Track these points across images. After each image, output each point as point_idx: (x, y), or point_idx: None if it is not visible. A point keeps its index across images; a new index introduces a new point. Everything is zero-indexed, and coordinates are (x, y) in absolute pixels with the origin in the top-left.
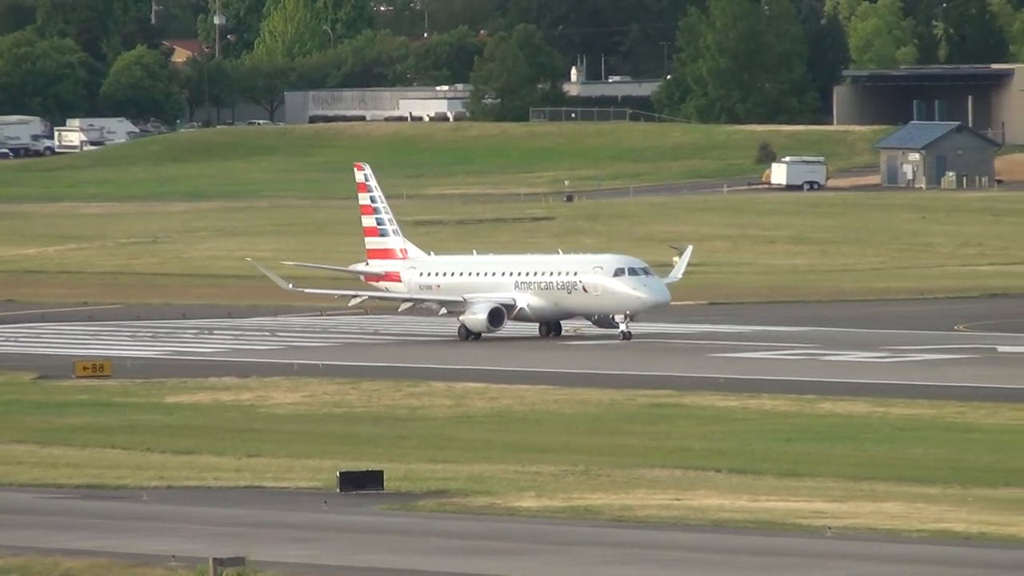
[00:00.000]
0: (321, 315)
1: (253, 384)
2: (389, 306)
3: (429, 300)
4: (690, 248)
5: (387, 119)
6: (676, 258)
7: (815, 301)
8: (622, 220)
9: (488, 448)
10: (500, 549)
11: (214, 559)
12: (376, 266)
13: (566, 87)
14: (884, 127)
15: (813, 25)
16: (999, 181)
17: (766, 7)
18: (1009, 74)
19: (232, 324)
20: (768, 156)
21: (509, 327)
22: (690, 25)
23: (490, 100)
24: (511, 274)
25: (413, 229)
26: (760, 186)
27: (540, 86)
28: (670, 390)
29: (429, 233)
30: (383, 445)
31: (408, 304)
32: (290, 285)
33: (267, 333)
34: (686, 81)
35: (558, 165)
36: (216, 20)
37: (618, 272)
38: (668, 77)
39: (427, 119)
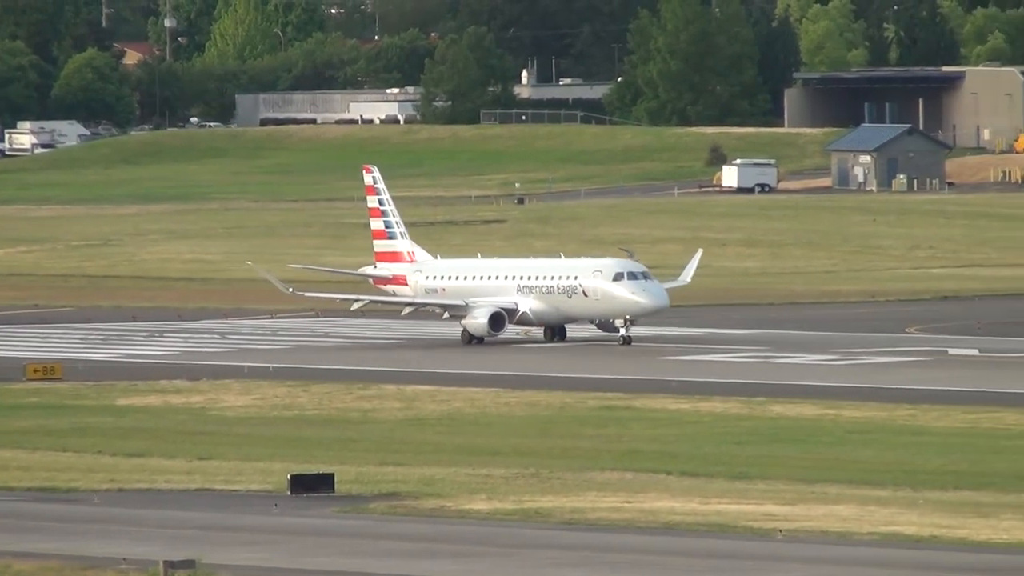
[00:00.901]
0: (271, 318)
1: (204, 387)
2: (341, 309)
3: (431, 304)
4: (699, 252)
5: (338, 122)
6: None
7: (766, 304)
8: (573, 222)
9: (439, 451)
10: (451, 552)
11: (165, 562)
12: (384, 269)
13: (517, 90)
14: (835, 129)
15: (764, 27)
16: (950, 183)
17: (717, 10)
18: (960, 76)
19: (183, 327)
20: (719, 158)
21: (513, 331)
22: (641, 28)
23: (441, 103)
24: (514, 278)
25: (364, 232)
26: (711, 188)
27: (491, 89)
28: (621, 393)
29: None
30: (334, 448)
31: (411, 308)
32: (290, 289)
33: (217, 336)
34: (637, 83)
35: (509, 167)
36: (167, 23)
37: (617, 276)
38: (619, 79)
39: (378, 122)
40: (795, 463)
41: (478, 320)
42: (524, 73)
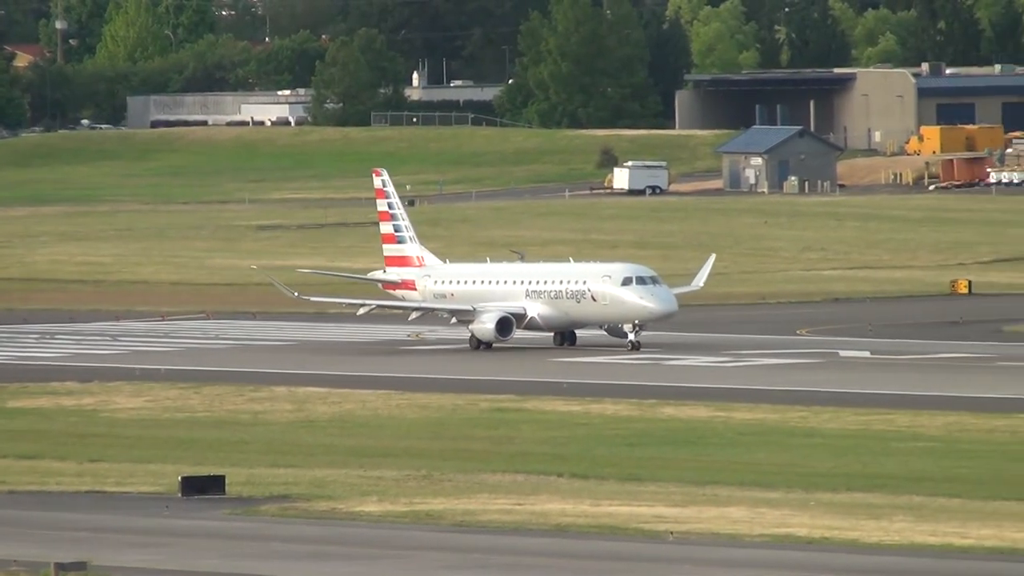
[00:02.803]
0: (163, 319)
1: (95, 389)
2: (234, 311)
3: (438, 309)
4: (712, 257)
5: (229, 124)
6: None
7: None
8: (464, 225)
9: (330, 453)
10: (342, 554)
11: (56, 564)
12: (393, 273)
13: (408, 92)
14: (726, 132)
15: (655, 29)
16: (841, 185)
17: (608, 11)
18: (851, 78)
19: (74, 329)
20: (610, 161)
21: (519, 336)
22: (532, 29)
23: (332, 105)
24: (522, 283)
25: (255, 234)
26: (602, 191)
27: (382, 91)
28: (512, 395)
29: (271, 238)
30: (225, 450)
31: (418, 312)
32: (295, 293)
33: (109, 338)
34: (528, 85)
35: (400, 170)
36: (58, 25)
37: (626, 281)
38: (510, 81)
39: (269, 123)
40: (686, 465)
41: (486, 325)
42: (415, 75)
